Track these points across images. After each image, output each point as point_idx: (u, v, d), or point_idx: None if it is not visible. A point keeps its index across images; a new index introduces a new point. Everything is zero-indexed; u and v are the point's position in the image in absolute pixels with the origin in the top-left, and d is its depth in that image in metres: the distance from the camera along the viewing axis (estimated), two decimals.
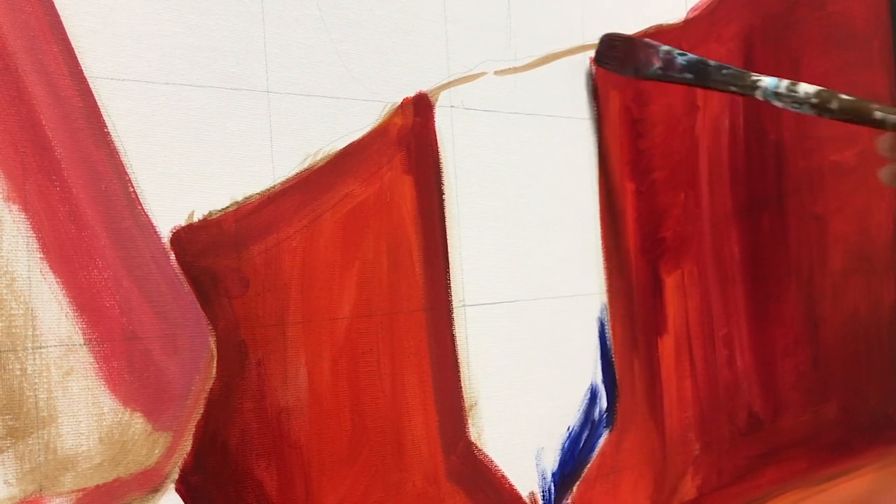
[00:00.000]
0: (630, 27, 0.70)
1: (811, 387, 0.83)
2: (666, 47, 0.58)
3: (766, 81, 0.54)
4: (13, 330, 0.42)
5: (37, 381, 0.42)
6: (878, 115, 0.50)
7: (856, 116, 0.51)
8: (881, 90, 0.92)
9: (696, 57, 0.57)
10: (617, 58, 0.61)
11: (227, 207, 0.49)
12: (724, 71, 0.55)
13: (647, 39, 0.60)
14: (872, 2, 0.91)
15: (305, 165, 0.52)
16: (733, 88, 0.55)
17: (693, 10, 0.75)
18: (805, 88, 0.52)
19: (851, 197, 0.88)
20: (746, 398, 0.77)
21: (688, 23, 0.75)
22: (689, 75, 0.57)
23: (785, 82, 0.53)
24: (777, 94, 0.53)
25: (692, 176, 0.74)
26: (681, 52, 0.57)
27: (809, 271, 0.84)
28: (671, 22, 0.73)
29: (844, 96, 0.52)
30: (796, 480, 0.81)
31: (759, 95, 0.54)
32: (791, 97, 0.52)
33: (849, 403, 0.87)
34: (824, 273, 0.86)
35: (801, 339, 0.83)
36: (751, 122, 0.79)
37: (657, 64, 0.57)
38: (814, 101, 0.52)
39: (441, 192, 0.58)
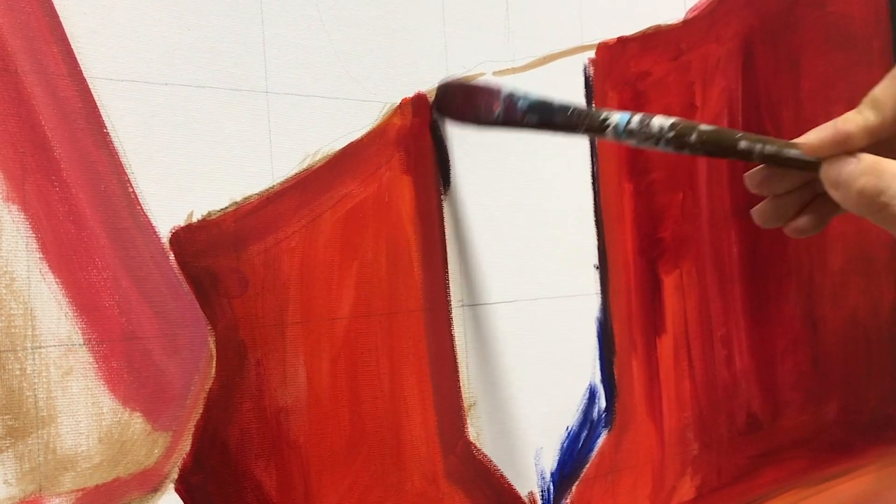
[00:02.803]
0: (628, 27, 0.70)
1: (811, 387, 0.83)
2: (508, 90, 0.52)
3: (617, 118, 0.47)
4: (12, 330, 0.42)
5: (36, 380, 0.42)
6: (743, 144, 0.44)
7: (718, 148, 0.45)
8: None
9: (538, 98, 0.51)
10: (456, 108, 0.56)
11: (227, 208, 0.49)
12: (571, 111, 0.49)
13: (486, 83, 0.55)
14: (872, 2, 0.91)
15: (304, 166, 0.52)
16: (582, 130, 0.49)
17: (692, 10, 0.75)
18: (660, 122, 0.46)
19: None
20: (745, 398, 0.77)
21: (687, 23, 0.75)
22: (532, 118, 0.51)
23: (637, 117, 0.47)
24: (629, 132, 0.47)
25: (690, 176, 0.74)
26: (524, 94, 0.51)
27: (809, 271, 0.84)
28: (670, 22, 0.73)
29: (705, 127, 0.45)
30: (796, 480, 0.81)
31: (610, 136, 0.48)
32: (644, 133, 0.46)
33: (849, 403, 0.87)
34: (824, 273, 0.86)
35: (800, 339, 0.82)
36: (750, 122, 0.79)
37: (498, 109, 0.52)
38: (669, 135, 0.45)
39: (439, 193, 0.58)
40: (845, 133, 0.42)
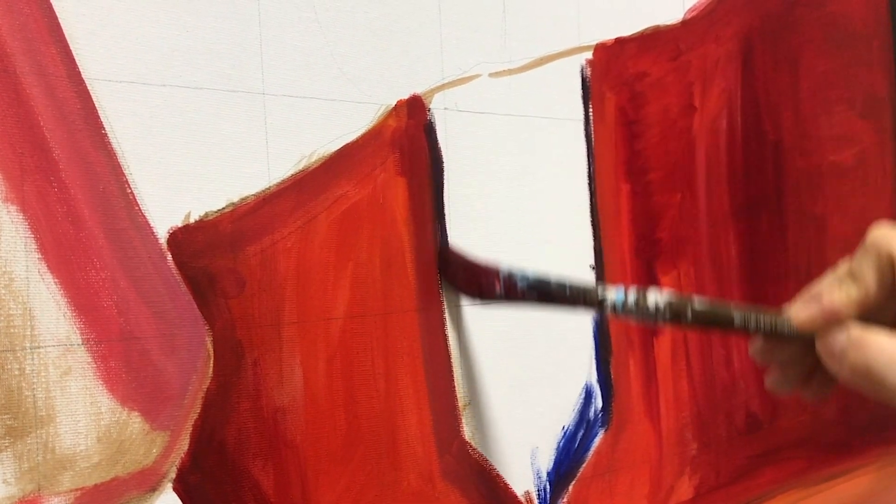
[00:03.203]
0: (626, 28, 0.70)
1: None
2: (507, 270, 0.52)
3: (613, 296, 0.47)
4: (11, 330, 0.42)
5: (35, 380, 0.43)
6: (738, 319, 0.45)
7: (714, 324, 0.46)
8: (881, 90, 0.92)
9: (535, 277, 0.51)
10: (460, 282, 0.57)
11: (224, 209, 0.49)
12: (570, 289, 0.50)
13: (487, 262, 0.55)
14: (872, 2, 0.91)
15: (300, 167, 0.52)
16: (582, 307, 0.49)
17: (691, 10, 0.75)
18: (655, 300, 0.46)
19: (850, 197, 0.88)
20: (744, 398, 0.77)
21: (686, 23, 0.75)
22: (533, 297, 0.51)
23: (632, 295, 0.47)
24: (626, 310, 0.47)
25: (689, 177, 0.74)
26: (521, 273, 0.52)
27: (808, 272, 0.84)
28: (669, 22, 0.73)
29: (698, 304, 0.46)
30: (795, 480, 0.81)
31: (609, 313, 0.48)
32: (642, 312, 0.46)
33: (848, 403, 0.87)
34: (823, 274, 0.85)
35: None
36: (749, 123, 0.79)
37: (499, 289, 0.52)
38: (666, 316, 0.46)
39: (433, 194, 0.58)
40: (832, 311, 0.43)
